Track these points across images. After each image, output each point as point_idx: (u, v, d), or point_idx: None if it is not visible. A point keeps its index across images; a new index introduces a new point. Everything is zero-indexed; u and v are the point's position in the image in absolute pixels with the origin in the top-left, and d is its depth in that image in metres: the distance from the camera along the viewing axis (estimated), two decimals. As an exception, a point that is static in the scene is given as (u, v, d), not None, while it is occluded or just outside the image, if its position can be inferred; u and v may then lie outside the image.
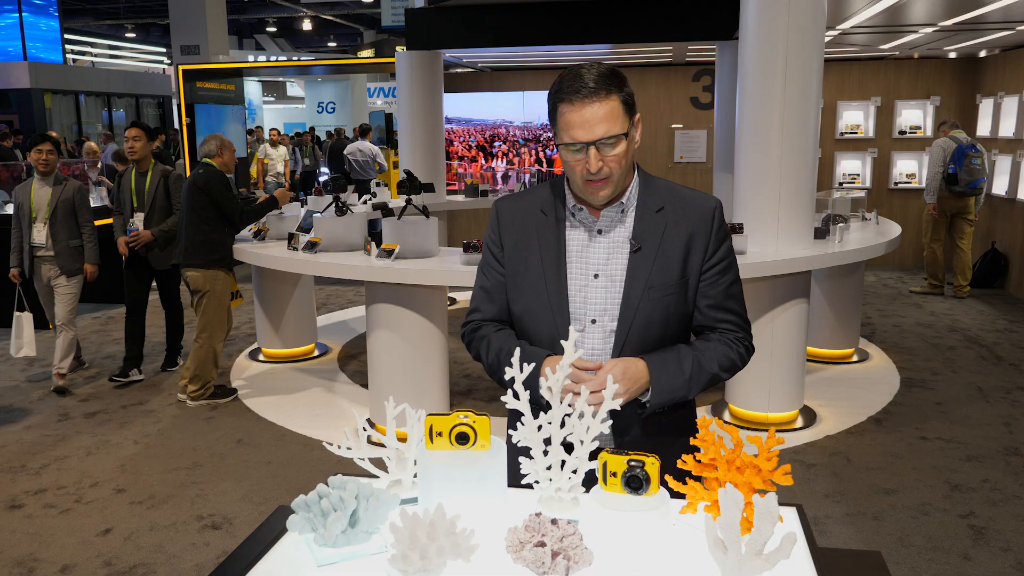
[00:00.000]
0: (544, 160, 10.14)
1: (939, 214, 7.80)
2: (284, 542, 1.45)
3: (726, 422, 2.72)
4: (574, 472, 1.53)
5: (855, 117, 9.52)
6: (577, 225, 1.81)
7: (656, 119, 10.03)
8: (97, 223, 7.93)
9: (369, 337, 4.73)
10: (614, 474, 1.39)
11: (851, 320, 5.96)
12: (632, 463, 1.38)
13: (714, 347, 1.79)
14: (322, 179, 14.65)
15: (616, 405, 1.53)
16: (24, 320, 5.51)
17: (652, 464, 1.39)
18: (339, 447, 1.63)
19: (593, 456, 1.54)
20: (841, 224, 5.00)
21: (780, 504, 1.37)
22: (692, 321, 1.84)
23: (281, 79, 23.76)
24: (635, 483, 1.38)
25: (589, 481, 1.49)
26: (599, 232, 1.79)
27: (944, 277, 8.08)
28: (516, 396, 1.55)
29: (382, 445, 1.64)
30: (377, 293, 4.59)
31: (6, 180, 8.73)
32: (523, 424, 1.54)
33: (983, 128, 8.76)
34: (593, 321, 1.77)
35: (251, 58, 22.53)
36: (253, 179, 13.64)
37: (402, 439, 1.64)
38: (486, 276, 1.89)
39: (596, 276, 1.78)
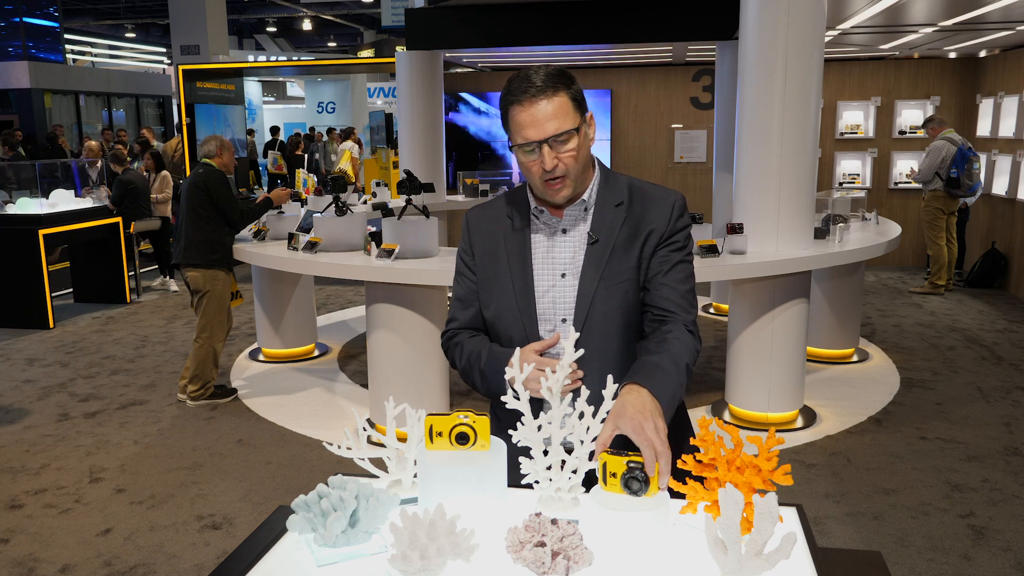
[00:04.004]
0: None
1: (942, 213, 7.84)
2: (284, 542, 1.45)
3: (726, 422, 2.72)
4: (574, 472, 1.53)
5: (855, 117, 9.52)
6: (541, 227, 1.83)
7: (656, 119, 10.03)
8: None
9: (369, 337, 4.73)
10: (613, 475, 1.39)
11: (851, 320, 5.96)
12: (631, 464, 1.38)
13: (672, 349, 1.69)
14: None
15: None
16: None
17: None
18: (339, 447, 1.63)
19: (593, 456, 1.54)
20: (841, 224, 5.00)
21: (780, 504, 1.37)
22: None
23: (281, 79, 23.76)
24: (634, 485, 1.38)
25: (589, 481, 1.49)
26: (563, 232, 1.81)
27: (951, 276, 8.12)
28: (516, 396, 1.55)
29: (382, 445, 1.64)
30: (377, 293, 4.59)
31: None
32: (523, 424, 1.54)
33: (983, 128, 8.76)
34: (564, 320, 1.79)
35: (251, 58, 22.53)
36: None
37: (402, 439, 1.64)
38: (460, 285, 1.92)
39: (564, 275, 1.80)
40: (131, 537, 3.60)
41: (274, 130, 17.25)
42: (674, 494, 1.43)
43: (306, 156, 15.66)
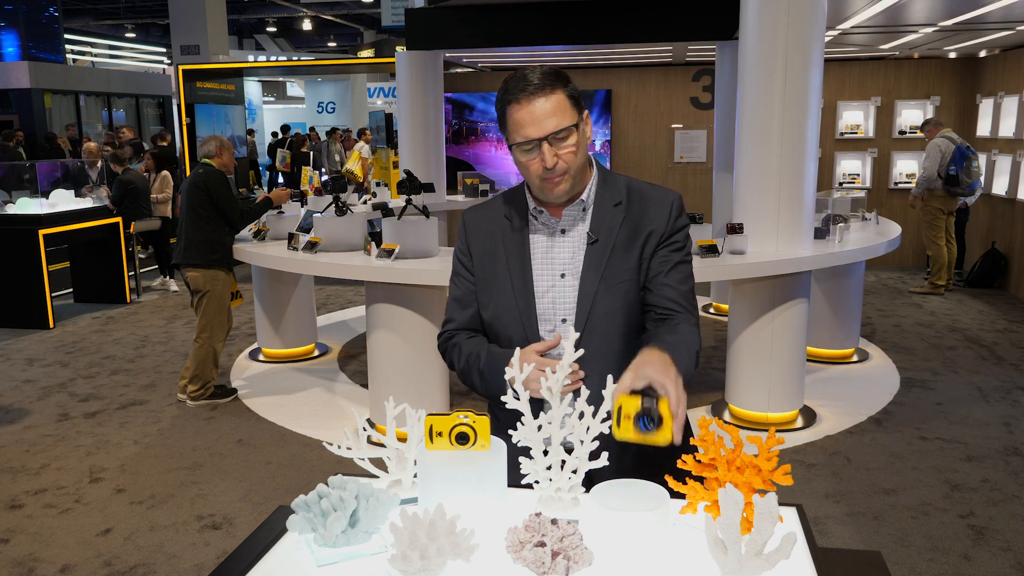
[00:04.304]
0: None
1: (941, 213, 7.85)
2: (284, 542, 1.45)
3: (726, 422, 2.72)
4: (574, 472, 1.53)
5: (855, 117, 9.52)
6: (540, 228, 1.83)
7: (656, 119, 10.03)
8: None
9: (369, 337, 4.73)
10: (628, 416, 1.40)
11: (851, 320, 5.96)
12: (646, 403, 1.40)
13: (679, 337, 1.71)
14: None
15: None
16: None
17: (666, 404, 1.41)
18: (339, 447, 1.63)
19: (593, 456, 1.55)
20: (841, 224, 5.00)
21: (780, 504, 1.37)
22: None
23: (281, 79, 23.77)
24: (646, 421, 1.38)
25: (589, 481, 1.49)
26: (562, 232, 1.81)
27: (951, 276, 8.12)
28: (516, 396, 1.55)
29: (382, 445, 1.64)
30: (377, 293, 4.59)
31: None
32: (523, 424, 1.54)
33: (983, 128, 8.76)
34: (564, 320, 1.79)
35: (251, 58, 22.53)
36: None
37: (402, 439, 1.64)
38: (457, 286, 1.92)
39: (563, 275, 1.80)
40: (131, 537, 3.60)
41: (284, 128, 17.44)
42: (674, 494, 1.43)
43: (312, 154, 15.76)
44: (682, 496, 1.46)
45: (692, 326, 1.75)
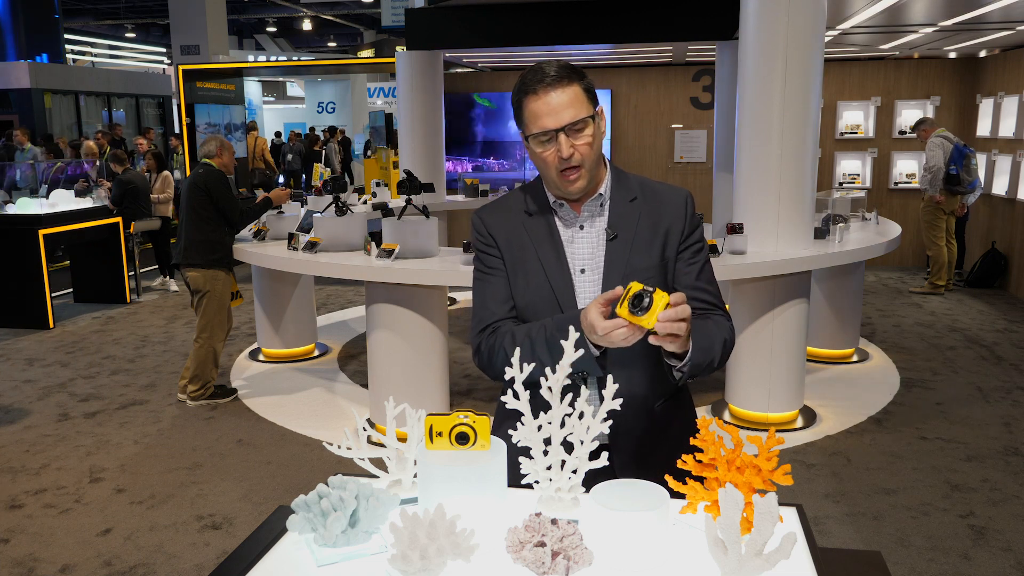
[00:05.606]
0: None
1: (942, 213, 7.85)
2: (284, 542, 1.45)
3: (726, 422, 2.72)
4: (574, 472, 1.53)
5: (855, 117, 9.52)
6: (559, 221, 1.83)
7: (656, 119, 10.03)
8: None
9: (369, 337, 4.73)
10: (628, 296, 1.50)
11: (851, 320, 5.96)
12: (648, 284, 1.51)
13: (714, 323, 1.77)
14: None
15: (616, 405, 1.53)
16: None
17: (661, 297, 1.49)
18: (339, 447, 1.63)
19: (593, 456, 1.54)
20: (841, 224, 5.00)
21: (780, 504, 1.37)
22: None
23: (281, 79, 23.77)
24: (638, 302, 1.48)
25: (589, 481, 1.49)
26: (580, 227, 1.81)
27: (951, 276, 8.12)
28: (516, 396, 1.55)
29: (382, 445, 1.64)
30: (377, 293, 4.59)
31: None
32: (523, 424, 1.54)
33: (983, 128, 8.76)
34: None
35: (251, 58, 22.53)
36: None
37: (402, 439, 1.64)
38: (490, 279, 1.85)
39: (583, 271, 1.80)
40: (131, 537, 3.60)
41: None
42: (674, 494, 1.43)
43: (323, 152, 15.86)
44: (682, 496, 1.46)
45: (727, 319, 1.80)
